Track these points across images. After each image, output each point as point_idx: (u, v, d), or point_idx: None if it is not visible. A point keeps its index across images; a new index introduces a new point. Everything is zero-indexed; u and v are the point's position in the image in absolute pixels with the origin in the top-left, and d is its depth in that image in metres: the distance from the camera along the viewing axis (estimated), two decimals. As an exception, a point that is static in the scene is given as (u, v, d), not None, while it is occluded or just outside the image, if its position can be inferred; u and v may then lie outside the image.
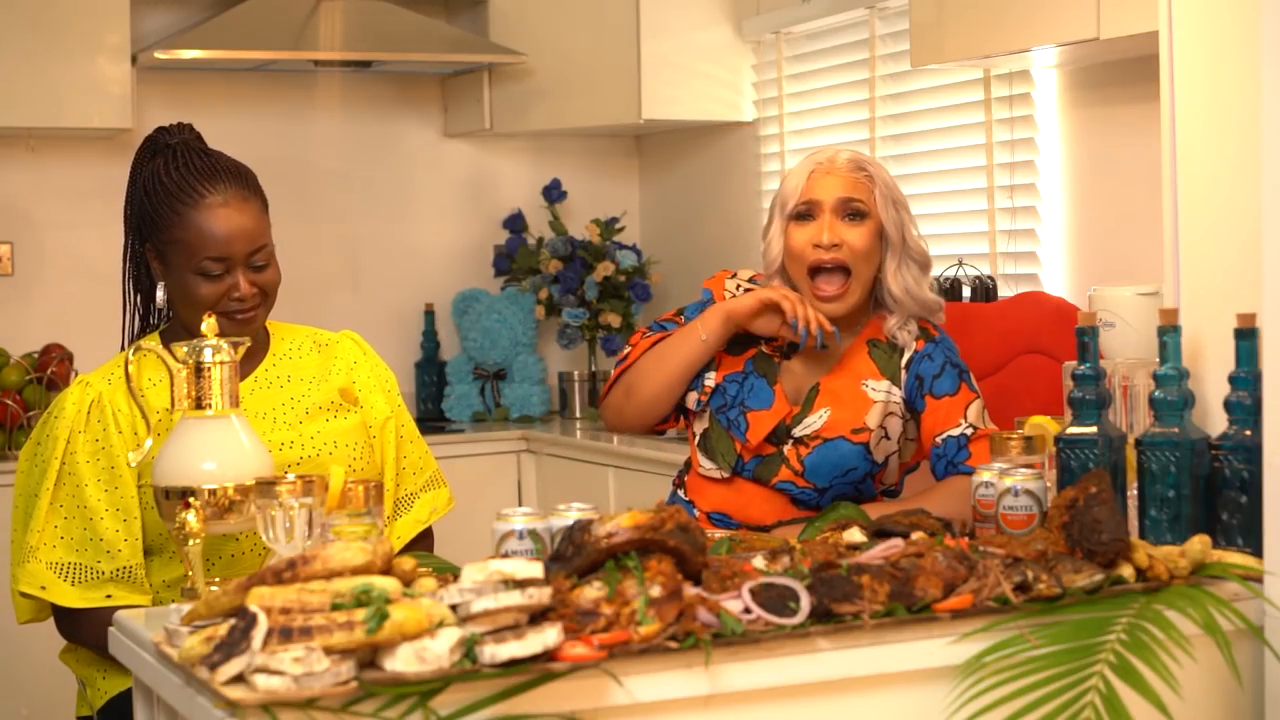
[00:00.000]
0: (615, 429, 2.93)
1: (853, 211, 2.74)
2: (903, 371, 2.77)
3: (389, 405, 2.72)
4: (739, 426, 2.76)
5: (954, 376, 2.76)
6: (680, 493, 2.87)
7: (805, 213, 2.75)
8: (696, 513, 2.80)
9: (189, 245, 2.53)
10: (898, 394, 2.76)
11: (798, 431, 2.74)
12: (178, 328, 2.61)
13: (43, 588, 2.47)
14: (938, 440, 2.74)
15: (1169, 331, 2.21)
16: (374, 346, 2.82)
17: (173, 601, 2.51)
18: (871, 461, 2.74)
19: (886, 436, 2.75)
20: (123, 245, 2.66)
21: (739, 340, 2.82)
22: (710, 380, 2.80)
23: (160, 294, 2.60)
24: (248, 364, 2.63)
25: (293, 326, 2.75)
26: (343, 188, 5.27)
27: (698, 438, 2.82)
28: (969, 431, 2.72)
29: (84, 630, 2.49)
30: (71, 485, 2.49)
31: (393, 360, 5.19)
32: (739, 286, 2.86)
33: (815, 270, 2.74)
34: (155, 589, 2.53)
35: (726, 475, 2.78)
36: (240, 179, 2.61)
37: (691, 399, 2.81)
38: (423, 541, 2.74)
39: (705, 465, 2.80)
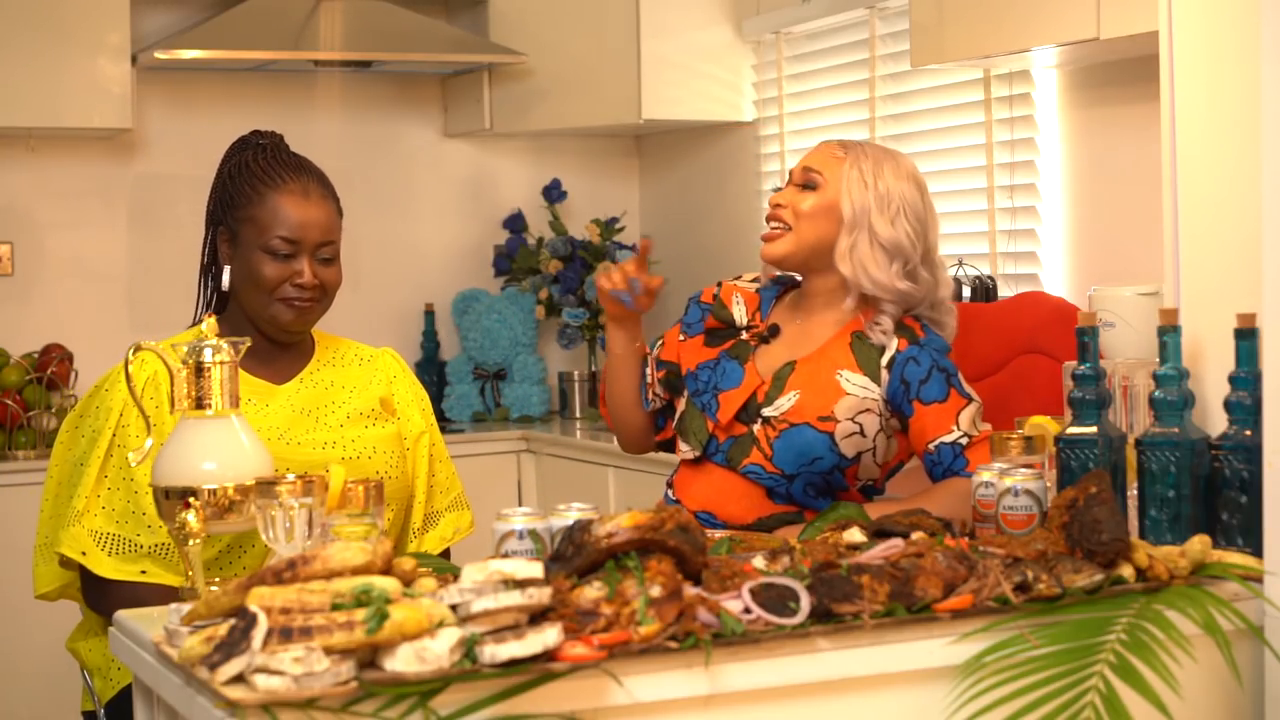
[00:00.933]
0: (630, 452, 3.07)
1: (806, 181, 2.81)
2: (883, 370, 2.75)
3: (424, 421, 2.78)
4: (712, 409, 2.79)
5: (942, 382, 2.73)
6: (670, 492, 2.88)
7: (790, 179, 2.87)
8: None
9: (262, 222, 2.62)
10: (876, 391, 2.74)
11: (767, 411, 2.75)
12: (237, 318, 2.64)
13: (83, 554, 2.49)
14: (930, 446, 2.72)
15: (1169, 331, 2.21)
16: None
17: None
18: (839, 454, 2.72)
19: (861, 433, 2.73)
20: (203, 237, 2.72)
21: (719, 334, 2.87)
22: (647, 375, 2.91)
23: (226, 277, 2.64)
24: (295, 365, 2.72)
25: (337, 338, 2.82)
26: (343, 188, 5.19)
27: (676, 422, 2.86)
28: (964, 440, 2.71)
29: (110, 600, 2.50)
30: (120, 457, 2.52)
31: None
32: (727, 282, 2.93)
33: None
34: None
35: (698, 455, 2.80)
36: (323, 180, 2.73)
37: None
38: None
39: (682, 448, 2.84)
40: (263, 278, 2.62)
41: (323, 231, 2.67)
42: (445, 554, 2.78)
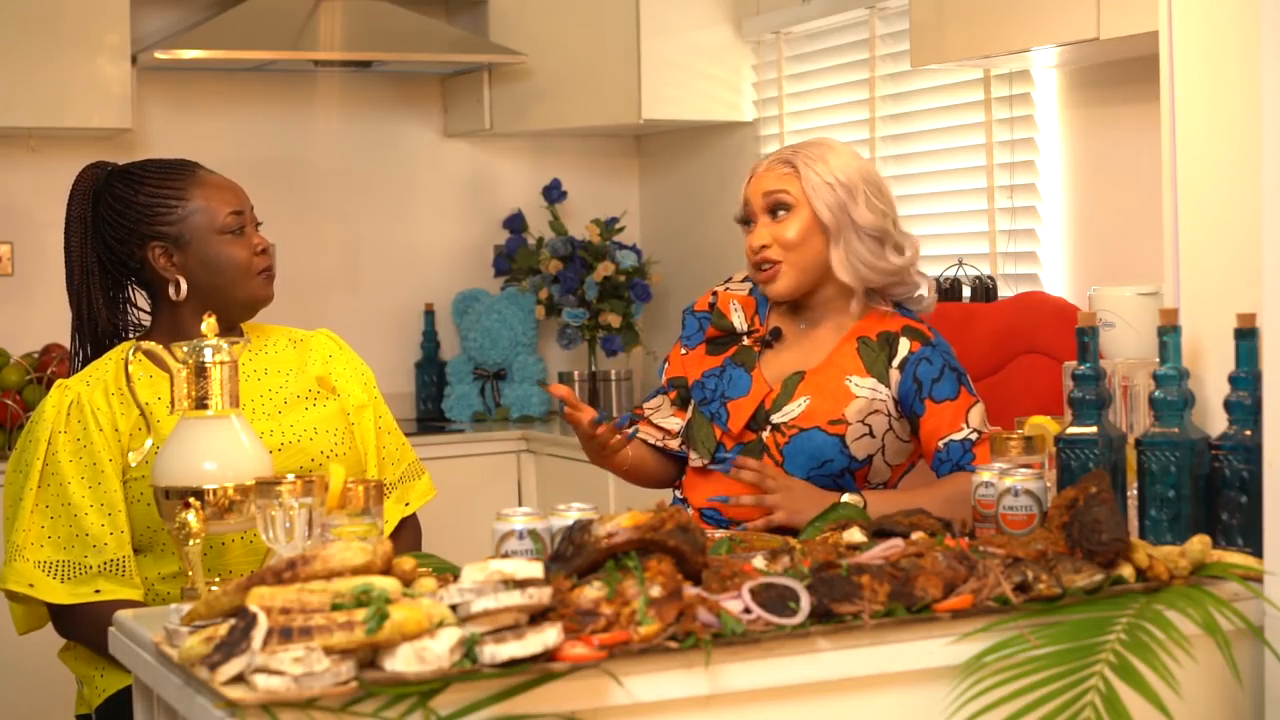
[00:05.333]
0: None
1: (776, 205, 2.78)
2: (895, 371, 2.76)
3: (366, 394, 2.76)
4: (721, 418, 2.79)
5: (953, 381, 2.76)
6: (677, 492, 2.88)
7: (746, 218, 2.84)
8: (690, 510, 2.81)
9: (208, 209, 2.61)
10: (884, 392, 2.75)
11: (776, 418, 2.76)
12: (173, 327, 2.62)
13: (30, 585, 2.48)
14: (940, 445, 2.73)
15: (1169, 331, 2.21)
16: (374, 346, 2.85)
17: (169, 594, 2.53)
18: (849, 456, 2.73)
19: (871, 435, 2.74)
20: (76, 285, 2.66)
21: (721, 342, 2.87)
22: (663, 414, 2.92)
23: (183, 287, 2.61)
24: None
25: (268, 326, 2.78)
26: (343, 188, 5.27)
27: (683, 430, 2.87)
28: (973, 436, 2.72)
29: (79, 627, 2.51)
30: (55, 485, 2.51)
31: (393, 360, 5.25)
32: (721, 290, 2.93)
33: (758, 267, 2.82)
34: (150, 582, 2.55)
35: (705, 462, 2.80)
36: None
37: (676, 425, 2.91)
38: (408, 530, 2.78)
39: (691, 456, 2.84)
40: (237, 259, 2.61)
41: (248, 197, 2.68)
42: (413, 522, 2.79)
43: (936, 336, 2.81)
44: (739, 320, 2.88)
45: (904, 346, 2.77)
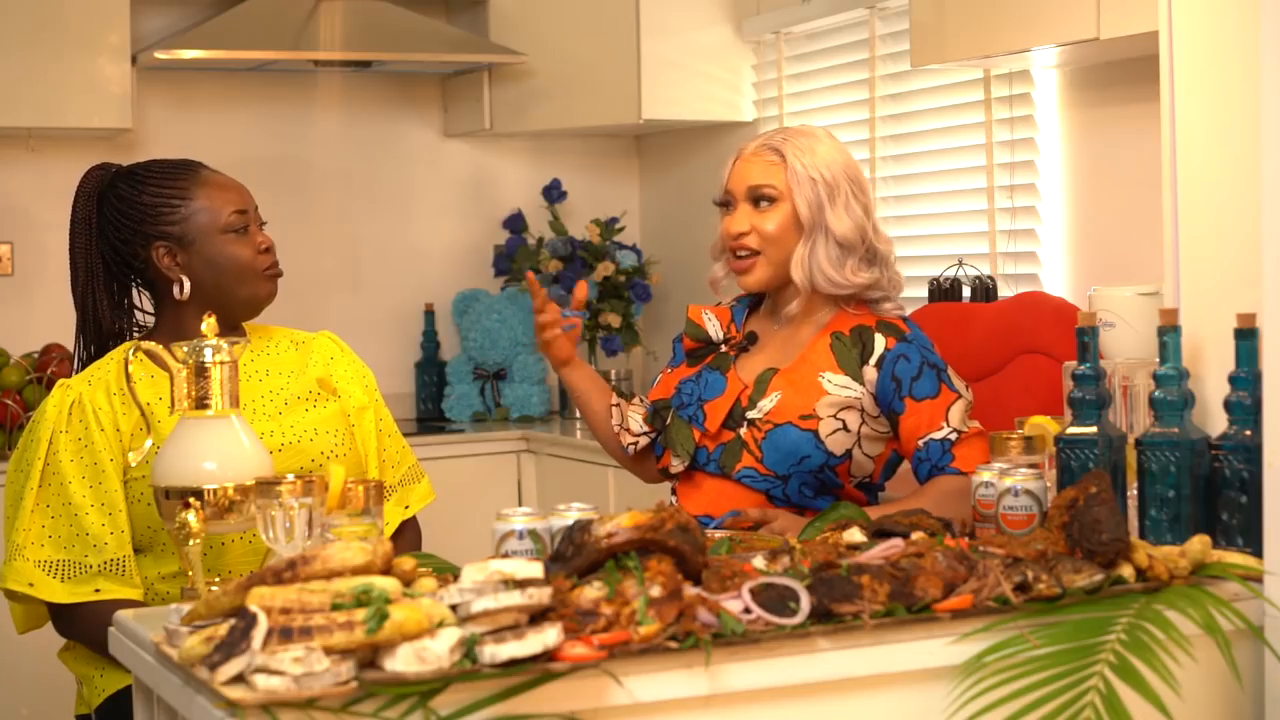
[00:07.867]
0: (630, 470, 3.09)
1: (760, 197, 2.76)
2: (871, 368, 2.73)
3: (367, 396, 2.76)
4: (698, 419, 2.79)
5: (933, 378, 2.72)
6: (674, 499, 2.87)
7: (725, 202, 2.81)
8: None
9: (211, 208, 2.62)
10: (858, 389, 2.72)
11: (751, 414, 2.74)
12: (174, 326, 2.62)
13: (30, 584, 2.49)
14: (919, 444, 2.71)
15: (1169, 331, 2.21)
16: (374, 346, 2.86)
17: (168, 594, 2.53)
18: (826, 452, 2.71)
19: (845, 429, 2.71)
20: (81, 286, 2.67)
21: (698, 353, 2.87)
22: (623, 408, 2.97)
23: (187, 286, 2.61)
24: None
25: (270, 327, 2.79)
26: (343, 188, 5.27)
27: (662, 436, 2.86)
28: (953, 436, 2.70)
29: (79, 626, 2.51)
30: (56, 484, 2.51)
31: (393, 360, 5.25)
32: (692, 307, 2.94)
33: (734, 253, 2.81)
34: (150, 581, 2.55)
35: (685, 464, 2.79)
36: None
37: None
38: (408, 532, 2.78)
39: (672, 461, 2.83)
40: (240, 260, 2.62)
41: (251, 196, 2.69)
42: (413, 525, 2.79)
43: (913, 330, 2.78)
44: (714, 329, 2.87)
45: (879, 343, 2.74)
